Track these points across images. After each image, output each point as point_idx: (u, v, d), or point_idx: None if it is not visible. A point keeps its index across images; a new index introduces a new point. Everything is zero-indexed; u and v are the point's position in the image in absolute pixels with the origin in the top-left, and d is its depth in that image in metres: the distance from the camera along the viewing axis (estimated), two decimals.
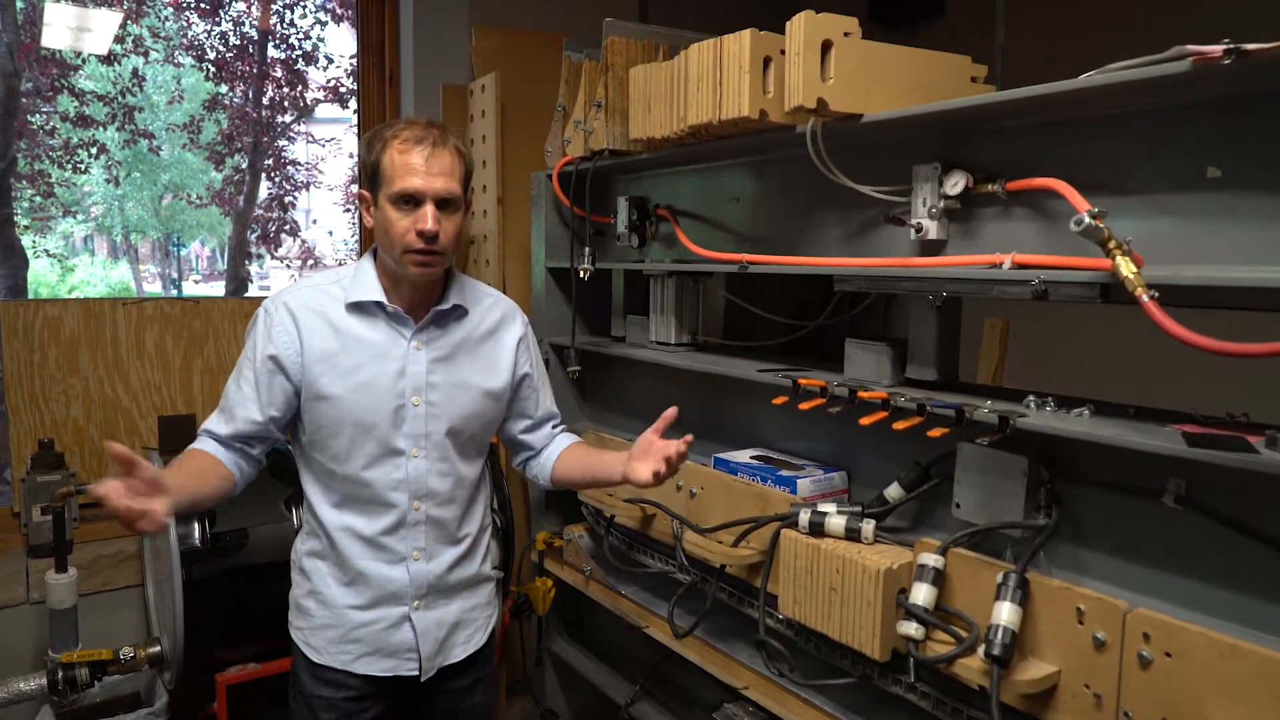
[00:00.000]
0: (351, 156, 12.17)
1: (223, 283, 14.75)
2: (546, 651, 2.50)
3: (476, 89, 2.83)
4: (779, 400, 1.60)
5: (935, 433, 1.31)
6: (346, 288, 1.49)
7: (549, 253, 2.40)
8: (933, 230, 1.45)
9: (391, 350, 1.48)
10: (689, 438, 1.51)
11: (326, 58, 9.97)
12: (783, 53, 1.51)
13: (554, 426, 1.77)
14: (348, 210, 11.88)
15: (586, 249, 1.99)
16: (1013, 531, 1.33)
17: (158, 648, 2.24)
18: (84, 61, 8.60)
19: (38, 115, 8.91)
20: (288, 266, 12.13)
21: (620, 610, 2.07)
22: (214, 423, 1.52)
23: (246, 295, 3.32)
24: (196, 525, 2.17)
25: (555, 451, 1.73)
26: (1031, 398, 1.35)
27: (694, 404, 2.13)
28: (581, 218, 2.17)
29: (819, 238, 1.73)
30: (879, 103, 1.46)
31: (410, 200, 1.40)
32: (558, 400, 2.41)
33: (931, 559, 1.30)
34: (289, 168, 10.50)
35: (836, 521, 1.46)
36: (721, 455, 1.83)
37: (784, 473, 1.69)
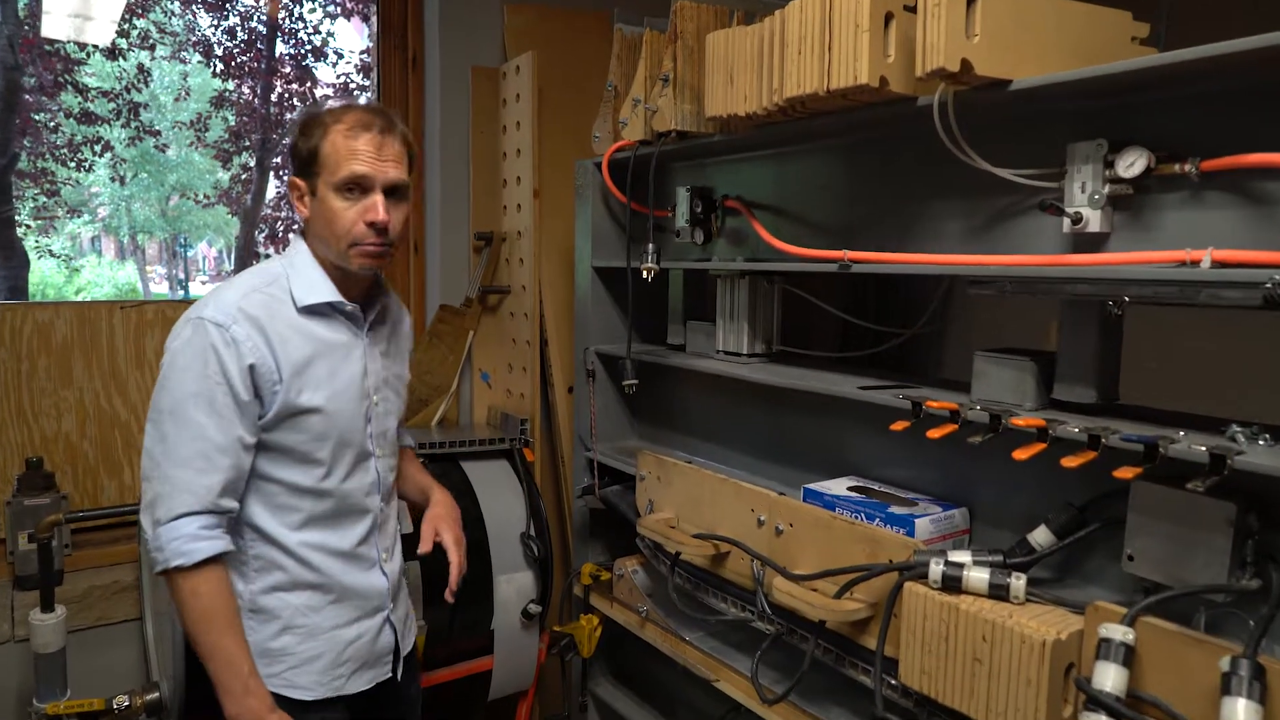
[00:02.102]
0: None
1: None
2: (591, 695, 2.24)
3: (510, 71, 2.58)
4: (899, 425, 1.34)
5: (1125, 473, 1.05)
6: (288, 288, 1.36)
7: (595, 250, 2.14)
8: (1094, 221, 1.19)
9: (353, 350, 1.41)
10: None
11: (336, 53, 9.76)
12: (907, 9, 1.26)
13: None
14: None
15: (650, 246, 1.74)
16: (1214, 596, 1.07)
17: (156, 694, 1.98)
18: (88, 55, 8.38)
19: (42, 113, 8.69)
20: None
21: (685, 659, 1.81)
22: (199, 491, 1.25)
23: None
24: None
25: None
26: (1237, 428, 1.09)
27: (765, 422, 1.87)
28: (640, 211, 1.91)
29: (934, 231, 1.46)
30: (1030, 65, 1.20)
31: (356, 188, 1.31)
32: (605, 415, 2.20)
33: (1119, 632, 1.03)
34: None
35: (977, 576, 1.19)
36: (813, 486, 1.57)
37: (895, 509, 1.42)
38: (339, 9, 9.54)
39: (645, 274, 1.73)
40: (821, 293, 1.77)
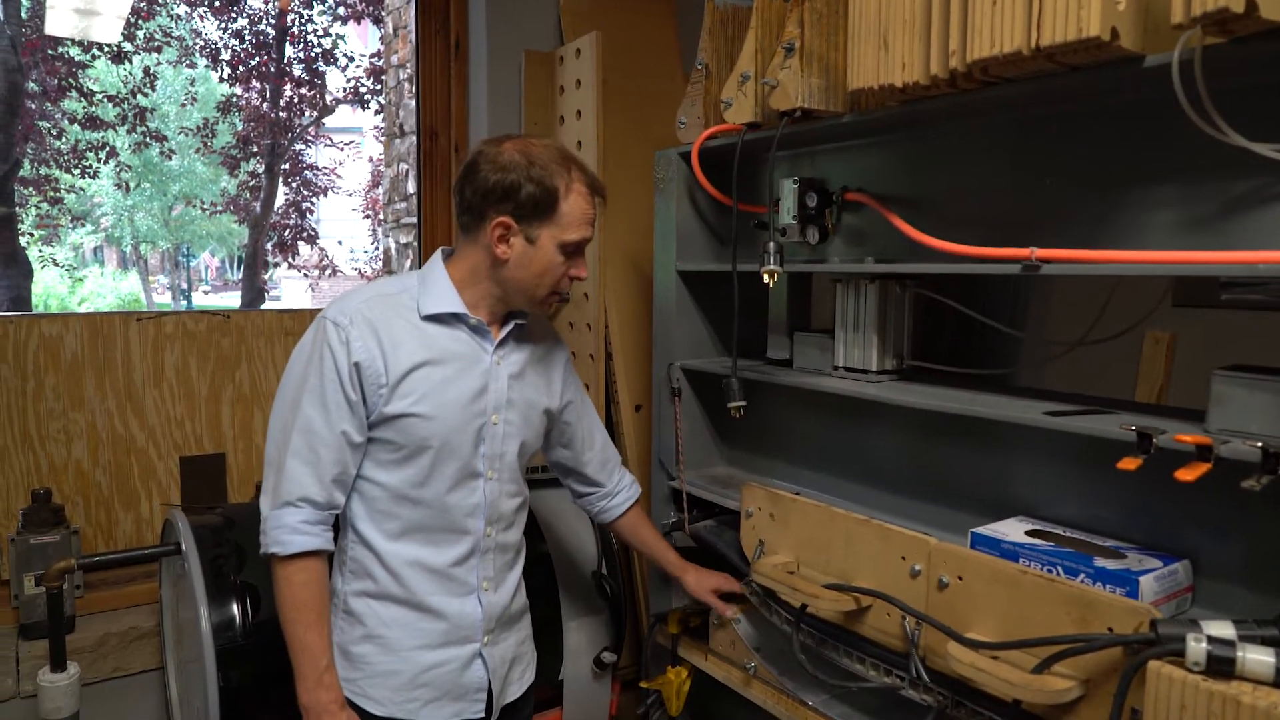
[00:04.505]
0: (372, 160, 11.67)
1: (232, 293, 14.32)
2: None
3: (568, 55, 2.33)
4: (1129, 463, 1.08)
5: None
6: (416, 297, 1.37)
7: (680, 252, 1.88)
8: None
9: (475, 365, 1.38)
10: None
11: (347, 56, 9.51)
12: None
13: (621, 466, 1.72)
14: (367, 217, 11.38)
15: (771, 245, 1.48)
16: None
17: None
18: (93, 58, 8.13)
19: (45, 120, 8.43)
20: (305, 275, 11.63)
21: None
22: (305, 483, 1.29)
23: (285, 309, 2.92)
24: (236, 610, 1.66)
25: (624, 505, 1.70)
26: None
27: (894, 450, 1.62)
28: (745, 207, 1.66)
29: (1136, 224, 1.21)
30: None
31: (577, 248, 1.37)
32: (690, 439, 1.94)
33: None
34: (307, 172, 10.00)
35: (1259, 659, 0.93)
36: (983, 530, 1.31)
37: (1103, 562, 1.17)
38: (349, 11, 9.34)
39: (767, 278, 1.47)
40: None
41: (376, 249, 10.58)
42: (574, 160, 1.36)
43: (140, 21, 7.87)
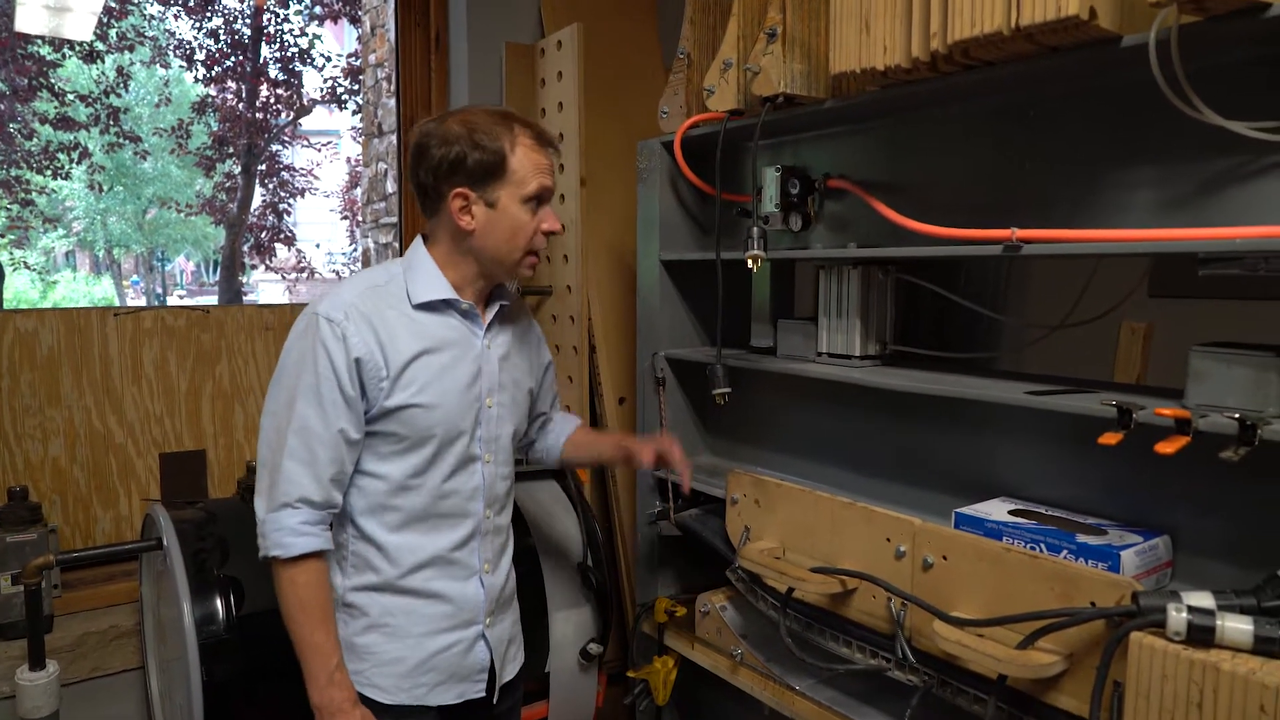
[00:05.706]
0: (350, 161, 11.61)
1: (208, 297, 14.16)
2: None
3: (549, 47, 2.33)
4: (1110, 438, 1.09)
5: None
6: (404, 285, 1.36)
7: (663, 242, 1.89)
8: None
9: (468, 350, 1.38)
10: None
11: (324, 56, 9.44)
12: None
13: (554, 409, 1.69)
14: (345, 218, 11.30)
15: (755, 230, 1.48)
16: None
17: None
18: (64, 57, 8.01)
19: (15, 121, 8.30)
20: (283, 278, 11.53)
21: (793, 711, 1.55)
22: (303, 483, 1.26)
23: (266, 304, 2.87)
24: (220, 604, 1.64)
25: (562, 435, 1.65)
26: None
27: (878, 435, 1.63)
28: (728, 196, 1.66)
29: (1115, 204, 1.23)
30: None
31: (538, 201, 1.35)
32: (674, 429, 1.95)
33: None
34: (284, 173, 9.91)
35: (1238, 626, 0.95)
36: (967, 510, 1.32)
37: (1085, 539, 1.18)
38: (325, 11, 9.27)
39: (752, 263, 1.48)
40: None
41: (355, 250, 10.52)
42: (516, 117, 1.34)
43: (113, 21, 7.77)
